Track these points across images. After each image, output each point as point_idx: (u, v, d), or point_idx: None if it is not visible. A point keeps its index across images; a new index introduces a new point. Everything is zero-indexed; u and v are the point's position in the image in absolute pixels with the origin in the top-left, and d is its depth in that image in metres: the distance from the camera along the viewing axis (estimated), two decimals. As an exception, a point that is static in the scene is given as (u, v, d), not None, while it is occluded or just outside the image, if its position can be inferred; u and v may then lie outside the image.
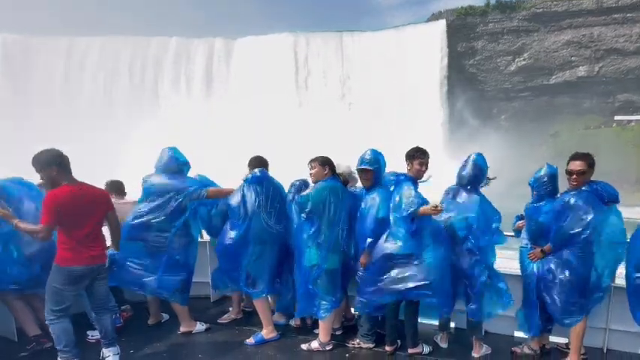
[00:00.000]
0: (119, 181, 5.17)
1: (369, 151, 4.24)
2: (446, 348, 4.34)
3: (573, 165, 3.77)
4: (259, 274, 4.44)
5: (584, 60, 45.50)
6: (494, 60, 48.15)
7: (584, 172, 3.73)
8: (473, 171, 4.10)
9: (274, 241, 4.46)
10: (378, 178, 4.25)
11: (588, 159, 3.77)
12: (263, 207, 4.38)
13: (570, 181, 3.79)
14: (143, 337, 4.50)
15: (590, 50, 45.50)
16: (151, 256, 4.36)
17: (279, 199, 4.50)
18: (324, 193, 4.15)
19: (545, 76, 46.63)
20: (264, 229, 4.39)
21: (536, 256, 3.93)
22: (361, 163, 4.20)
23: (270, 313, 4.60)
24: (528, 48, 47.23)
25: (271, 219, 4.42)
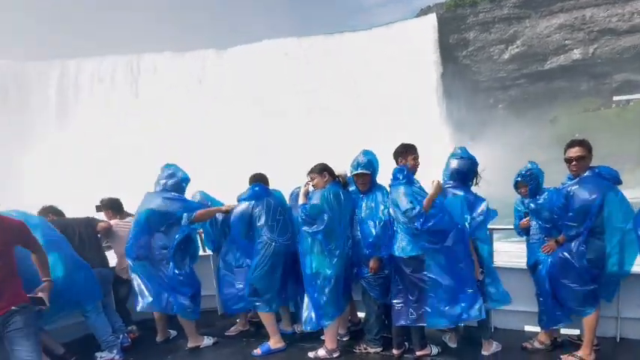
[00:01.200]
0: (114, 199, 5.13)
1: (363, 153, 4.22)
2: (455, 347, 4.31)
3: (571, 152, 3.77)
4: (264, 288, 4.44)
5: (578, 43, 45.49)
6: (487, 50, 48.20)
7: (584, 157, 3.73)
8: (457, 167, 4.07)
9: (279, 254, 4.44)
10: (374, 180, 4.25)
11: (585, 144, 3.77)
12: (264, 222, 4.39)
13: (570, 168, 3.80)
14: (151, 355, 4.52)
15: (584, 32, 45.51)
16: (158, 273, 4.40)
17: (281, 210, 4.50)
18: (330, 199, 4.11)
19: (540, 61, 46.63)
20: (267, 243, 4.39)
21: (551, 248, 3.90)
22: (357, 168, 4.16)
23: (275, 324, 4.59)
24: (521, 35, 47.27)
25: (274, 232, 4.42)
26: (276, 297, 4.52)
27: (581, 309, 3.74)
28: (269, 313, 4.51)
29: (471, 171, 4.09)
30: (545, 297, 3.96)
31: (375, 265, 4.11)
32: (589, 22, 45.35)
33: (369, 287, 4.26)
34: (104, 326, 4.39)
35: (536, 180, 4.11)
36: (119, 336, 4.54)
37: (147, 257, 4.37)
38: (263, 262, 4.39)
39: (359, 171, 4.15)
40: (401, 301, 4.07)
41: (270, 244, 4.39)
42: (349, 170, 4.29)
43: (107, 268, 4.76)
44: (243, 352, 4.51)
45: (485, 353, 4.13)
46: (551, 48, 46.15)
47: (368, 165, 4.16)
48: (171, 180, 4.50)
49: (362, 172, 4.15)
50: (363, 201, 4.21)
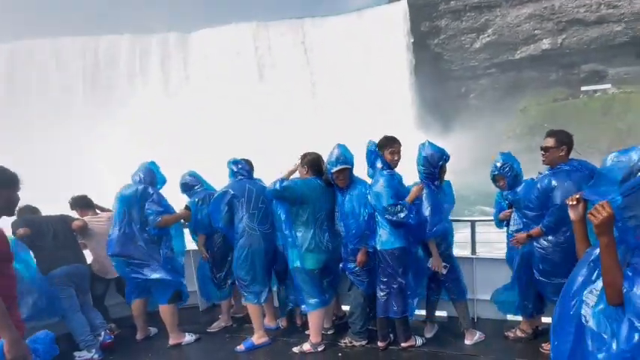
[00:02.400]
0: (83, 196, 5.09)
1: (339, 149, 4.23)
2: (439, 338, 4.45)
3: (545, 142, 3.84)
4: (249, 279, 4.47)
5: (548, 33, 46.69)
6: (459, 38, 48.87)
7: (551, 148, 3.76)
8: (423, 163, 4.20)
9: (260, 242, 4.46)
10: (352, 174, 4.31)
11: (558, 135, 3.80)
12: (245, 209, 4.39)
13: (542, 156, 3.85)
14: (132, 354, 4.50)
15: (553, 22, 46.69)
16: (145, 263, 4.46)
17: (263, 199, 4.50)
18: (302, 189, 4.16)
19: (511, 51, 47.67)
20: (248, 232, 4.40)
21: (520, 242, 3.95)
22: (336, 164, 4.17)
23: (261, 318, 4.63)
24: (492, 24, 48.11)
25: (254, 221, 4.43)
26: (263, 288, 4.56)
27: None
28: (257, 306, 4.54)
29: (434, 166, 4.20)
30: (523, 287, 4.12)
31: (363, 258, 4.19)
32: (558, 12, 46.55)
33: (356, 281, 4.34)
34: (81, 326, 4.35)
35: (513, 171, 4.13)
36: (100, 333, 4.50)
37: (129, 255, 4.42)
38: (244, 251, 4.43)
39: (340, 167, 4.16)
40: (385, 294, 4.20)
41: (250, 233, 4.41)
42: (327, 168, 4.27)
43: (84, 264, 4.70)
44: (227, 348, 4.54)
45: (469, 343, 4.30)
46: (521, 38, 47.22)
47: (346, 160, 4.20)
48: (149, 178, 4.61)
49: (343, 167, 4.17)
50: (344, 196, 4.25)
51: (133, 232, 4.40)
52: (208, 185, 5.11)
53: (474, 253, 4.80)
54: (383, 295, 4.21)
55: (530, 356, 3.96)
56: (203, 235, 4.95)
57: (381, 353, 4.26)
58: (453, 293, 4.35)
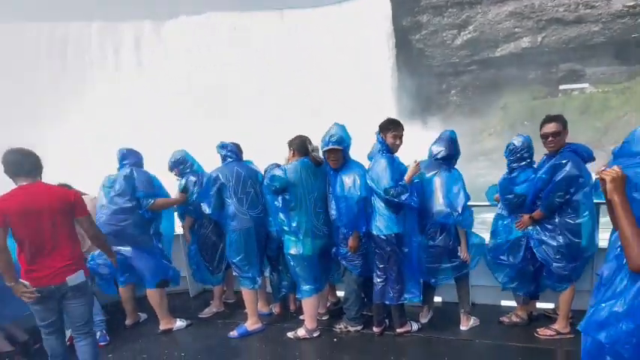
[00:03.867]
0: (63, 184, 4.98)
1: (334, 128, 4.20)
2: (435, 323, 4.53)
3: (547, 128, 3.85)
4: (244, 264, 4.46)
5: (528, 31, 47.68)
6: (440, 34, 49.45)
7: (560, 133, 3.82)
8: (450, 147, 4.26)
9: (251, 226, 4.45)
10: (347, 155, 4.28)
11: (561, 119, 3.87)
12: (234, 193, 4.36)
13: (547, 144, 3.88)
14: (121, 339, 4.45)
15: (533, 21, 47.69)
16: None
17: (252, 183, 4.48)
18: (288, 174, 4.13)
19: (491, 48, 48.50)
20: (239, 216, 4.37)
21: (524, 224, 4.02)
22: (327, 143, 4.16)
23: (256, 303, 4.62)
24: (473, 21, 48.86)
25: (244, 205, 4.40)
26: (258, 273, 4.56)
27: (559, 285, 4.01)
28: (252, 291, 4.52)
29: (459, 152, 4.34)
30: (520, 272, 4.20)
31: (355, 243, 4.19)
32: (538, 11, 47.60)
33: (350, 266, 4.35)
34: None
35: (519, 157, 4.08)
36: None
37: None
38: (236, 236, 4.41)
39: (330, 147, 4.14)
40: (382, 280, 4.23)
41: (241, 218, 4.39)
42: (320, 146, 4.28)
43: None
44: (219, 334, 4.52)
45: (464, 328, 4.38)
46: (501, 35, 48.11)
47: (340, 140, 4.15)
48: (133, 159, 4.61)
49: (333, 147, 4.14)
50: (338, 177, 4.22)
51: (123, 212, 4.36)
52: (199, 166, 5.06)
53: None
54: (380, 281, 4.24)
55: (525, 341, 4.06)
56: (191, 218, 4.90)
57: (376, 339, 4.31)
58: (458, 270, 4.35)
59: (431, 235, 4.26)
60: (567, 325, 4.05)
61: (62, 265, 3.20)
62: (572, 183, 3.73)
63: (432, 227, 4.25)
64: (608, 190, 1.91)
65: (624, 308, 1.82)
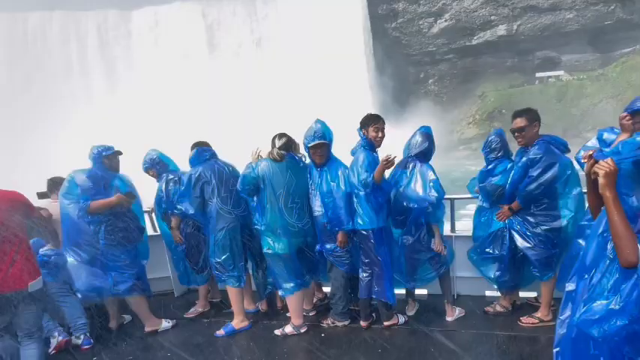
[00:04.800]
0: (57, 177, 4.91)
1: (317, 123, 4.25)
2: (421, 316, 4.66)
3: (515, 124, 4.05)
4: (227, 261, 4.50)
5: (503, 19, 48.44)
6: (417, 22, 49.81)
7: (525, 128, 3.99)
8: (425, 142, 4.36)
9: (236, 225, 4.50)
10: (330, 151, 4.35)
11: (528, 114, 4.04)
12: (217, 192, 4.39)
13: (516, 139, 4.09)
14: (105, 342, 4.45)
15: (508, 9, 48.47)
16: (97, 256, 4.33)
17: (233, 182, 4.48)
18: (257, 172, 4.17)
19: (468, 36, 49.15)
20: (223, 215, 4.40)
21: (504, 215, 4.17)
22: (314, 139, 4.20)
23: (242, 302, 4.67)
24: (449, 9, 49.33)
25: (228, 204, 4.43)
26: (243, 271, 4.61)
27: (542, 274, 4.16)
28: (237, 289, 4.57)
29: (434, 147, 4.44)
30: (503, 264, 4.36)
31: (343, 239, 4.27)
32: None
33: (337, 262, 4.43)
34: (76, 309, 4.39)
35: (494, 150, 4.31)
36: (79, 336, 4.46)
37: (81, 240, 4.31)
38: (220, 235, 4.44)
39: (316, 142, 4.18)
40: (367, 275, 4.33)
41: (225, 216, 4.43)
42: (302, 142, 4.31)
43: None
44: (205, 334, 4.57)
45: (450, 319, 4.52)
46: (477, 23, 48.77)
47: (324, 135, 4.21)
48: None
49: (320, 142, 4.18)
50: (322, 174, 4.29)
51: None
52: (175, 165, 5.05)
53: (454, 230, 5.02)
54: (366, 275, 4.33)
55: (509, 329, 4.22)
56: (177, 218, 4.88)
57: (364, 333, 4.40)
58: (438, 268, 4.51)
59: (406, 231, 4.40)
60: (549, 313, 4.22)
61: (22, 270, 3.19)
62: (547, 175, 3.90)
63: (407, 221, 4.37)
64: (600, 184, 1.97)
65: (620, 306, 1.90)
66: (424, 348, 4.03)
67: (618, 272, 1.94)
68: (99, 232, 4.28)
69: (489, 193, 4.29)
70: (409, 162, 4.38)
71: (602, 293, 1.98)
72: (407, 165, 4.38)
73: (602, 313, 1.94)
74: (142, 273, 4.62)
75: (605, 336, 1.94)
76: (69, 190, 4.25)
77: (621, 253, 1.87)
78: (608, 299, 1.94)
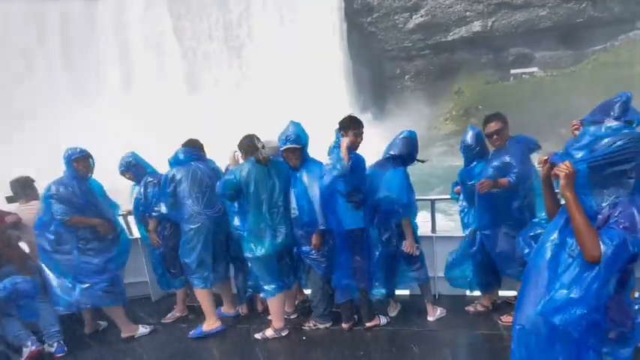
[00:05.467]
0: (26, 178, 4.82)
1: (291, 126, 4.28)
2: (402, 316, 4.72)
3: (489, 127, 4.18)
4: (196, 265, 4.48)
5: (478, 15, 49.14)
6: (392, 17, 50.08)
7: (502, 130, 4.15)
8: (405, 148, 4.41)
9: (208, 226, 4.48)
10: (306, 153, 4.38)
11: (500, 117, 4.22)
12: (189, 192, 4.38)
13: (492, 142, 4.21)
14: (80, 349, 4.39)
15: (483, 5, 49.18)
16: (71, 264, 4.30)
17: (210, 182, 4.49)
18: (239, 177, 4.14)
19: (443, 32, 49.66)
20: (194, 216, 4.40)
21: (485, 187, 4.00)
22: (285, 142, 4.23)
23: (211, 302, 4.64)
24: (424, 4, 49.76)
25: (199, 204, 4.41)
26: (211, 274, 4.60)
27: (516, 271, 4.16)
28: (205, 291, 4.56)
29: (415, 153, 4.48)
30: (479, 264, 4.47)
31: (318, 241, 4.29)
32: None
33: (314, 264, 4.44)
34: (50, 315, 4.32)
35: (472, 150, 4.39)
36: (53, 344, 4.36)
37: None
38: (190, 236, 4.44)
39: (287, 146, 4.22)
40: (345, 277, 4.35)
41: (197, 217, 4.42)
42: (279, 145, 4.32)
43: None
44: (183, 339, 4.55)
45: (431, 319, 4.59)
46: (453, 19, 49.34)
47: (297, 139, 4.24)
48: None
49: (292, 146, 4.23)
50: (298, 176, 4.33)
51: None
52: (150, 167, 5.02)
53: (434, 231, 5.10)
54: (343, 278, 4.34)
55: (489, 328, 4.31)
56: (155, 220, 4.84)
57: (346, 334, 4.43)
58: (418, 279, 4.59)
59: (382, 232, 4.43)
60: (528, 312, 4.33)
61: None
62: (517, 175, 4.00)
63: (381, 222, 4.41)
64: (561, 186, 2.10)
65: (580, 295, 2.03)
66: (406, 348, 4.08)
67: (579, 266, 2.07)
68: (73, 239, 4.26)
69: (470, 193, 4.37)
70: (386, 163, 4.44)
71: (565, 285, 2.10)
72: (383, 165, 4.43)
73: (562, 301, 2.07)
74: (117, 279, 4.55)
75: (567, 324, 2.06)
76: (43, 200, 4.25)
77: (585, 249, 2.01)
78: (570, 289, 2.07)
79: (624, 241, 1.95)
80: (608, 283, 2.03)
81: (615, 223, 2.01)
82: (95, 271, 4.34)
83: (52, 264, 4.29)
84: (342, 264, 4.31)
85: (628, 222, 1.98)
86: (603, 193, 2.09)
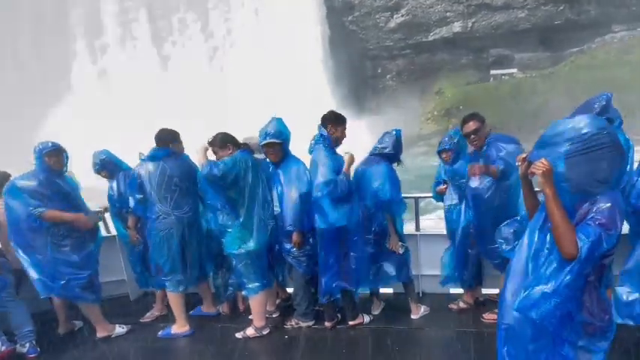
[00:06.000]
0: (3, 173, 4.68)
1: (272, 122, 4.26)
2: (386, 314, 4.71)
3: (468, 127, 4.20)
4: (168, 267, 4.39)
5: (459, 15, 49.77)
6: (373, 16, 50.37)
7: (479, 129, 4.16)
8: (393, 146, 4.45)
9: (175, 228, 4.35)
10: (287, 149, 4.35)
11: (477, 116, 4.25)
12: (156, 191, 4.27)
13: (471, 142, 4.24)
14: (54, 350, 4.28)
15: (463, 5, 49.85)
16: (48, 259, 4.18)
17: (179, 180, 4.36)
18: (235, 168, 4.06)
19: (424, 32, 50.16)
20: (162, 216, 4.30)
21: (476, 172, 4.06)
22: (265, 137, 4.20)
23: (181, 307, 4.55)
24: (405, 4, 50.19)
25: (167, 205, 4.30)
26: (184, 278, 4.49)
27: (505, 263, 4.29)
28: (176, 294, 4.48)
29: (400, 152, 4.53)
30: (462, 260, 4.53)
31: (298, 239, 4.26)
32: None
33: (296, 263, 4.41)
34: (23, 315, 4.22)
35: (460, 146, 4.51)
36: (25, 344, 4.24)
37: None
38: (158, 237, 4.34)
39: (267, 140, 4.20)
40: (328, 275, 4.31)
41: (164, 217, 4.31)
42: (259, 140, 4.30)
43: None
44: (162, 338, 4.46)
45: (415, 317, 4.61)
46: (434, 19, 49.87)
47: (277, 134, 4.21)
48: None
49: (271, 141, 4.20)
50: (279, 173, 4.30)
51: None
52: (123, 164, 4.93)
53: (418, 229, 5.10)
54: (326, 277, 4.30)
55: (472, 326, 4.35)
56: (134, 217, 4.72)
57: (328, 333, 4.41)
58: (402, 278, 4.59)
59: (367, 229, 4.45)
60: (510, 309, 4.37)
61: None
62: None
63: (366, 219, 4.42)
64: (540, 183, 2.12)
65: (554, 288, 2.06)
66: (389, 347, 4.08)
67: (556, 261, 2.09)
68: (47, 235, 4.13)
69: (462, 185, 4.42)
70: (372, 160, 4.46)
71: (541, 280, 2.12)
72: (369, 163, 4.46)
73: (538, 296, 2.10)
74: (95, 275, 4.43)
75: (543, 317, 2.10)
76: (12, 195, 4.09)
77: (562, 246, 2.03)
78: (546, 284, 2.10)
79: (599, 237, 1.98)
80: (582, 276, 2.06)
81: (592, 220, 2.02)
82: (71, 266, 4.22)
83: (31, 259, 4.15)
84: (329, 264, 4.27)
85: (604, 218, 2.00)
86: (582, 190, 2.09)
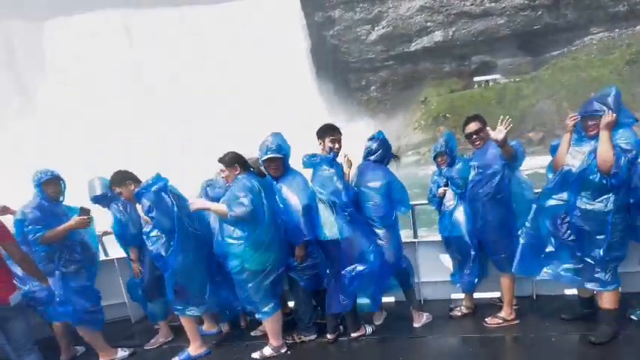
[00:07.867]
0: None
1: (272, 137, 4.31)
2: (389, 324, 4.72)
3: (469, 128, 4.30)
4: (190, 286, 4.37)
5: (439, 25, 50.70)
6: (354, 30, 51.10)
7: (482, 130, 4.26)
8: (379, 147, 4.51)
9: (201, 245, 4.39)
10: (287, 164, 4.39)
11: (479, 118, 4.35)
12: (183, 210, 4.22)
13: (473, 142, 4.34)
14: None
15: (443, 15, 50.82)
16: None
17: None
18: (255, 198, 4.03)
19: (406, 43, 50.98)
20: (191, 233, 4.28)
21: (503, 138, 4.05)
22: (266, 152, 4.24)
23: (196, 327, 4.53)
24: (385, 16, 51.03)
25: (194, 222, 4.34)
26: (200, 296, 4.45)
27: (503, 261, 4.31)
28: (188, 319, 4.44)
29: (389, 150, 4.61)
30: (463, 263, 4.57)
31: (301, 253, 4.28)
32: (447, 5, 50.86)
33: (298, 277, 4.40)
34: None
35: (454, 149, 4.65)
36: None
37: None
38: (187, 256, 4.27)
39: (268, 155, 4.23)
40: (333, 288, 4.36)
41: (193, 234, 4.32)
42: (260, 155, 4.32)
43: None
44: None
45: (417, 325, 4.62)
46: (414, 29, 50.75)
47: (278, 149, 4.25)
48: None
49: (272, 156, 4.24)
50: (279, 187, 4.32)
51: None
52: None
53: (416, 236, 5.17)
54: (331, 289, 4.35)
55: (475, 331, 4.38)
56: (135, 249, 4.67)
57: (331, 346, 4.41)
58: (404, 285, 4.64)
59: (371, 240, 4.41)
60: (512, 312, 4.41)
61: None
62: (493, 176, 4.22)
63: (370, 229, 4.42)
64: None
65: None
66: (393, 357, 4.10)
67: None
68: (53, 261, 4.16)
69: (460, 185, 4.51)
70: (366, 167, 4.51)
71: None
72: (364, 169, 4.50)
73: None
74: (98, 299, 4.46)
75: None
76: (16, 226, 4.12)
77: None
78: None
79: None
80: None
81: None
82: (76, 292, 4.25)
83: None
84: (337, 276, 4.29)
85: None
86: None
